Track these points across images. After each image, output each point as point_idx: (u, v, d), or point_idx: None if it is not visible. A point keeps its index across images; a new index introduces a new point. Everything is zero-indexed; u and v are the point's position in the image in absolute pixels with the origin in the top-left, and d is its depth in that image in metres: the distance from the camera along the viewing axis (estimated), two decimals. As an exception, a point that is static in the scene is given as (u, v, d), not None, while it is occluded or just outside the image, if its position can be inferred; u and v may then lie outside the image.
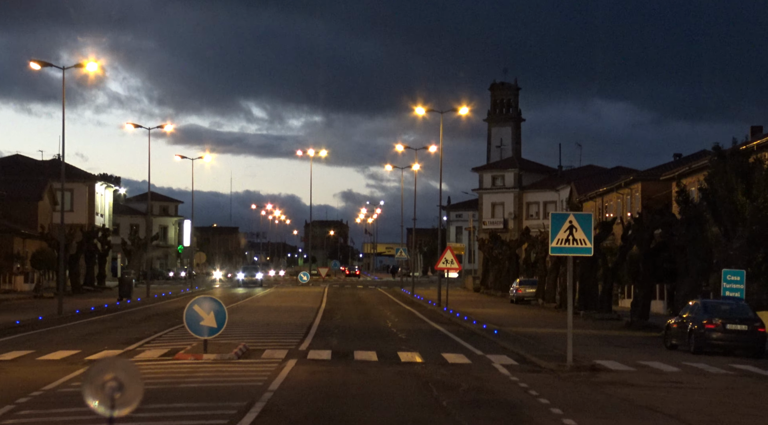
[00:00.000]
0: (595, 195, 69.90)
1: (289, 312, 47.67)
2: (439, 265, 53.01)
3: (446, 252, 52.97)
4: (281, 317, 43.91)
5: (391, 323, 41.15)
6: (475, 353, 28.16)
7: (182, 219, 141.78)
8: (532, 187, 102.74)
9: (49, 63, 47.24)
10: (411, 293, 73.99)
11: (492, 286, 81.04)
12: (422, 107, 55.53)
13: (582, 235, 24.49)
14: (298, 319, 42.24)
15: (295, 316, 44.44)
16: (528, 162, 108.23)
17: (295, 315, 45.08)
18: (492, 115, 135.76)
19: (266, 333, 33.96)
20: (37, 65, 46.91)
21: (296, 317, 43.30)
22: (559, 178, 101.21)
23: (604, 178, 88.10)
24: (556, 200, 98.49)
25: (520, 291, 63.68)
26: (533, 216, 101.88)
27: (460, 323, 41.76)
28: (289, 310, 49.84)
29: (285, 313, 47.02)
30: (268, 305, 54.76)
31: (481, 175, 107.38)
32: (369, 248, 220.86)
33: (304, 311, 48.43)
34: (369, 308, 53.04)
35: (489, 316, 48.27)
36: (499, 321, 43.64)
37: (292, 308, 52.26)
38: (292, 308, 52.25)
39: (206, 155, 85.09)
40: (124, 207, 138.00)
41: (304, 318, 42.76)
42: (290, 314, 45.73)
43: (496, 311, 53.54)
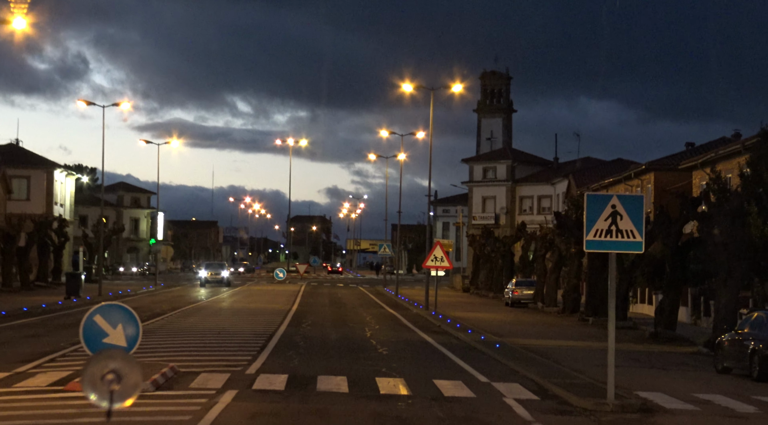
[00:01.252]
0: (598, 187, 63.41)
1: (253, 316, 40.98)
2: (428, 262, 46.40)
3: (435, 248, 46.35)
4: (241, 322, 37.22)
5: (371, 332, 34.46)
6: (477, 379, 21.52)
7: (155, 212, 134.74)
8: (525, 180, 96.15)
9: None
10: (395, 294, 67.34)
11: (483, 286, 74.49)
12: (410, 84, 48.86)
13: (629, 224, 17.90)
14: (261, 325, 35.54)
15: (258, 321, 37.76)
16: (521, 153, 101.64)
17: (259, 320, 38.39)
18: (482, 105, 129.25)
19: (213, 346, 27.25)
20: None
21: (259, 323, 36.62)
22: (555, 170, 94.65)
23: (604, 170, 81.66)
24: (551, 194, 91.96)
25: (516, 293, 57.12)
26: (527, 211, 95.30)
27: (453, 332, 35.11)
28: (253, 313, 43.14)
29: (247, 317, 40.30)
30: (232, 307, 48.03)
31: (472, 166, 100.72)
32: (352, 244, 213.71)
33: (271, 315, 41.75)
34: (346, 312, 46.39)
35: (484, 322, 41.69)
36: (497, 330, 37.04)
37: (258, 310, 45.56)
38: (258, 310, 45.55)
39: (173, 141, 78.09)
40: (91, 198, 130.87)
41: (268, 324, 36.07)
42: (253, 319, 39.04)
43: (491, 317, 46.96)
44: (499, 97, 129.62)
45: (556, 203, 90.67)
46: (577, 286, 49.25)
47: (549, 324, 43.19)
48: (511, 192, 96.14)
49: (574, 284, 49.04)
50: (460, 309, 52.40)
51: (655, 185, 54.12)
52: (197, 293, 62.91)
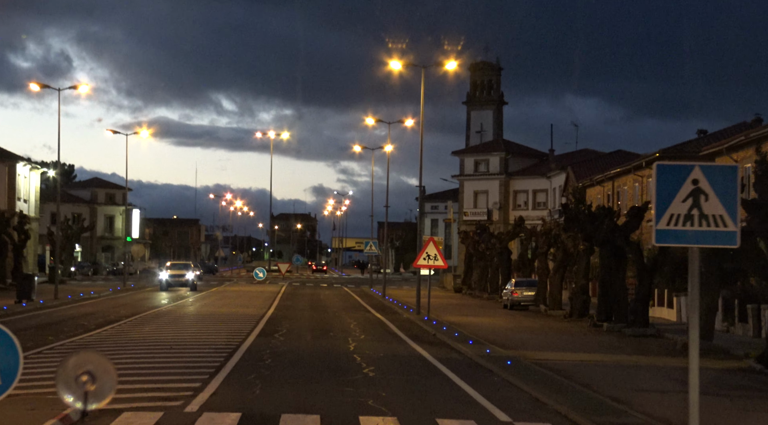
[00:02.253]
0: (603, 179, 58.27)
1: (219, 324, 35.63)
2: (420, 261, 41.10)
3: (428, 245, 41.05)
4: (203, 332, 31.89)
5: (356, 343, 29.15)
6: (495, 417, 16.24)
7: (130, 208, 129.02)
8: (520, 173, 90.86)
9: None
10: (382, 295, 62.05)
11: (476, 286, 69.24)
12: (400, 62, 43.60)
13: (718, 207, 12.55)
14: (225, 336, 30.22)
15: (224, 330, 32.44)
16: (515, 145, 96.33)
17: (225, 329, 33.07)
18: (472, 97, 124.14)
19: (157, 367, 21.90)
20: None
21: (223, 333, 31.29)
22: (550, 163, 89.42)
23: (604, 162, 76.55)
24: (547, 187, 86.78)
25: (515, 294, 51.85)
26: (521, 206, 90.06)
27: (451, 343, 29.82)
28: (221, 320, 37.79)
29: (212, 325, 34.96)
30: (198, 313, 42.62)
31: (462, 159, 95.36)
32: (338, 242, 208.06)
33: (240, 322, 36.42)
34: (328, 318, 41.06)
35: (484, 329, 36.46)
36: (502, 339, 31.82)
37: (227, 316, 40.21)
38: (228, 316, 40.20)
39: (143, 131, 72.61)
40: (64, 195, 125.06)
41: (234, 335, 30.74)
42: (218, 328, 33.71)
43: (490, 322, 41.73)
44: (489, 89, 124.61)
45: (552, 198, 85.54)
46: (586, 287, 44.06)
47: (558, 330, 37.96)
48: (504, 186, 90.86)
49: (582, 284, 43.84)
50: (454, 313, 47.18)
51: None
52: (162, 297, 57.43)
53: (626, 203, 55.20)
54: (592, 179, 59.63)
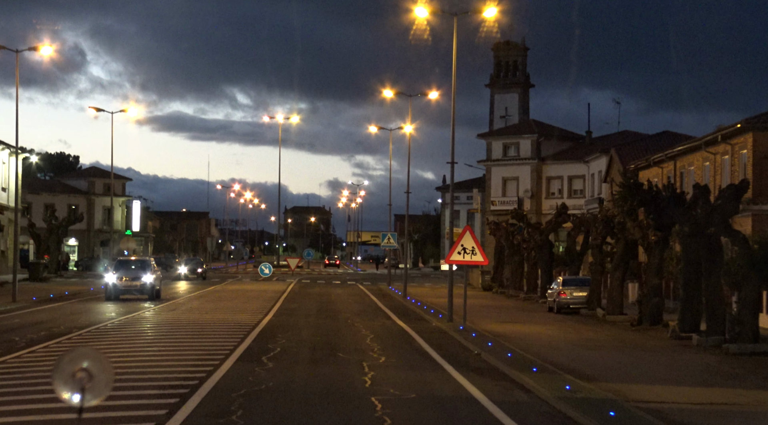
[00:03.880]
0: (663, 158, 49.63)
1: (194, 339, 27.21)
2: (453, 256, 32.54)
3: (464, 236, 32.49)
4: (164, 352, 23.45)
5: (373, 372, 20.63)
6: None
7: (130, 200, 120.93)
8: (554, 158, 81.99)
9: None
10: (403, 294, 53.58)
11: (509, 284, 60.71)
12: (427, 8, 35.11)
13: None
14: (190, 362, 21.77)
15: (195, 350, 24.03)
16: (548, 127, 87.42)
17: (197, 347, 24.66)
18: (495, 79, 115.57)
19: None
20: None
21: (192, 355, 22.86)
22: (588, 146, 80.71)
23: (650, 144, 67.90)
24: (584, 173, 78.03)
25: (564, 295, 43.27)
26: (554, 194, 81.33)
27: (508, 370, 21.27)
28: (198, 333, 29.37)
29: (183, 341, 26.52)
30: (175, 321, 34.08)
31: (489, 143, 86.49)
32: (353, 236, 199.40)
33: (223, 336, 28.01)
34: (338, 327, 32.55)
35: (541, 344, 27.99)
36: (571, 361, 23.36)
37: (209, 327, 31.79)
38: (210, 327, 31.77)
39: (130, 108, 64.33)
40: (60, 185, 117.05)
41: (203, 359, 22.29)
42: (189, 345, 25.29)
43: (542, 332, 33.22)
44: (514, 71, 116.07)
45: (590, 185, 76.81)
46: (659, 288, 35.43)
47: (633, 344, 29.38)
48: (536, 172, 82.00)
49: (654, 284, 35.20)
50: (492, 318, 38.67)
51: (754, 150, 40.25)
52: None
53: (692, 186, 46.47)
54: (649, 159, 51.00)
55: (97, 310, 38.81)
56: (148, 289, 45.87)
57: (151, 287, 45.90)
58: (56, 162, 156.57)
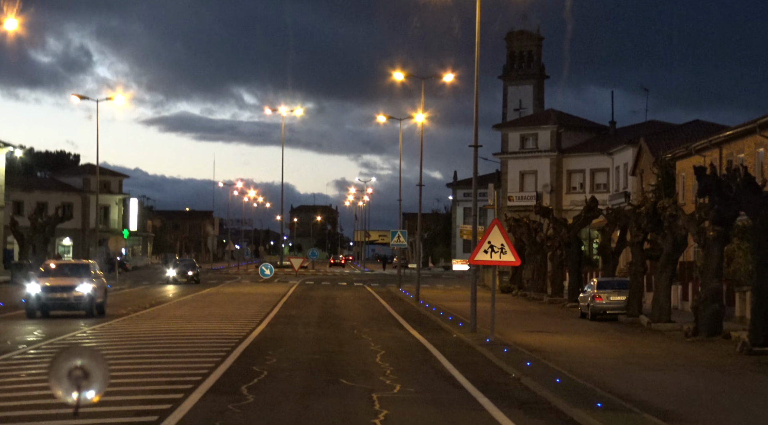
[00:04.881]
0: (706, 146, 44.36)
1: (162, 359, 22.01)
2: (479, 255, 27.33)
3: (492, 231, 27.27)
4: (115, 381, 18.20)
5: (387, 409, 15.39)
6: None
7: (128, 198, 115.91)
8: (575, 150, 76.63)
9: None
10: (415, 298, 48.43)
11: (531, 286, 55.51)
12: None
13: None
14: (146, 392, 16.59)
15: (155, 376, 18.83)
16: (568, 117, 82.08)
17: (161, 371, 19.48)
18: (509, 71, 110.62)
19: None
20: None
21: (150, 382, 17.66)
22: (612, 137, 75.43)
23: (682, 134, 62.74)
24: (608, 166, 72.73)
25: (599, 299, 38.05)
26: (576, 189, 76.06)
27: (564, 405, 16.05)
28: (169, 350, 24.19)
29: (146, 362, 21.29)
30: (148, 334, 28.80)
31: (506, 134, 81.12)
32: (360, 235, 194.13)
33: (200, 354, 22.86)
34: (343, 340, 27.32)
35: (590, 363, 22.86)
36: (640, 392, 18.27)
37: (190, 339, 26.63)
38: (191, 339, 26.61)
39: (117, 96, 59.29)
40: (53, 182, 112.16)
41: (161, 392, 17.09)
42: (150, 369, 20.08)
43: (584, 345, 28.02)
44: (528, 61, 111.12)
45: (615, 178, 71.53)
46: (719, 292, 30.19)
47: (700, 362, 24.17)
48: (556, 165, 76.63)
49: (714, 288, 29.94)
50: (520, 327, 33.49)
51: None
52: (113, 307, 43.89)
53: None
54: (689, 147, 45.74)
55: (10, 331, 28.39)
56: (85, 302, 34.07)
57: (89, 299, 34.06)
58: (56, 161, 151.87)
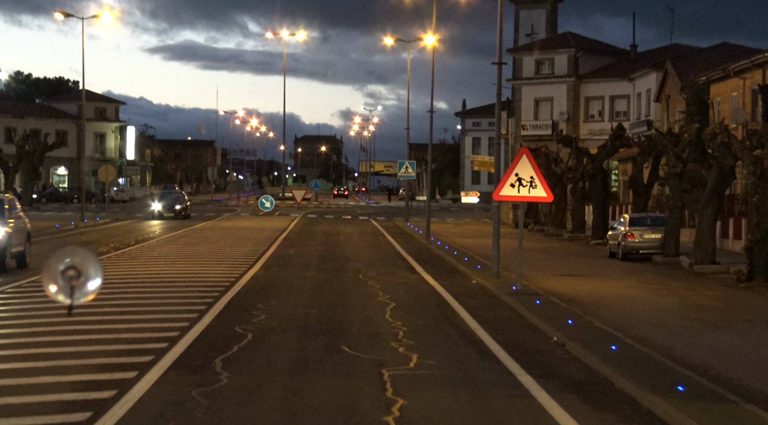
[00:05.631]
0: (747, 66, 40.19)
1: (130, 315, 18.26)
2: (504, 189, 23.48)
3: (520, 161, 23.38)
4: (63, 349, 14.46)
5: (402, 394, 11.62)
6: None
7: (125, 125, 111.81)
8: (593, 75, 72.23)
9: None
10: (425, 234, 44.73)
11: (549, 221, 51.70)
12: None
13: None
14: (92, 368, 12.83)
15: (111, 343, 15.09)
16: (586, 40, 77.50)
17: (124, 333, 15.74)
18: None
19: None
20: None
21: (105, 349, 13.91)
22: (633, 62, 70.99)
23: (709, 57, 58.39)
24: (629, 92, 68.47)
25: (631, 237, 34.26)
26: (594, 117, 71.87)
27: (634, 390, 12.28)
28: (142, 302, 20.45)
29: (112, 319, 17.53)
30: (108, 281, 25.02)
31: (519, 59, 76.60)
32: (366, 166, 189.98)
33: (181, 305, 19.17)
34: (345, 288, 23.58)
35: (637, 318, 19.21)
36: (704, 354, 14.48)
37: (168, 287, 22.92)
38: (170, 287, 22.90)
39: (104, 14, 55.00)
40: (48, 109, 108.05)
41: (128, 353, 13.33)
42: (114, 328, 16.34)
43: (624, 293, 24.30)
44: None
45: (636, 106, 67.34)
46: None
47: (764, 314, 20.46)
48: (573, 91, 72.28)
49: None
50: (547, 270, 29.75)
51: None
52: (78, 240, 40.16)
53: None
54: (727, 69, 41.57)
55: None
56: None
57: None
58: (55, 87, 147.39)
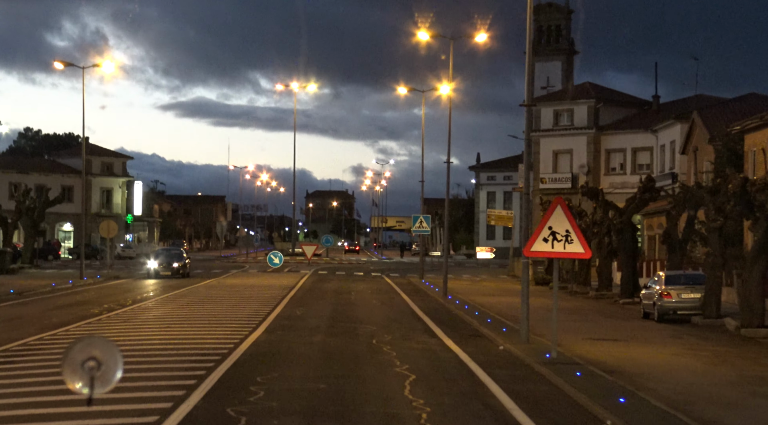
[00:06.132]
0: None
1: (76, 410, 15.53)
2: (536, 245, 20.85)
3: (554, 212, 20.79)
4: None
5: None
6: None
7: (132, 180, 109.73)
8: (614, 127, 69.76)
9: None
10: (442, 292, 42.01)
11: (571, 278, 49.00)
12: None
13: None
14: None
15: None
16: (608, 91, 75.21)
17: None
18: (536, 46, 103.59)
19: None
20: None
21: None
22: (656, 112, 68.59)
23: (737, 108, 55.90)
24: (652, 144, 65.94)
25: (668, 297, 31.47)
26: (615, 170, 69.29)
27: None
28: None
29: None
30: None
31: (537, 110, 74.32)
32: (377, 221, 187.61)
33: (165, 378, 16.50)
34: (358, 355, 20.89)
35: (702, 395, 16.53)
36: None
37: (154, 355, 20.25)
38: (156, 355, 20.23)
39: (105, 63, 52.90)
40: (51, 164, 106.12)
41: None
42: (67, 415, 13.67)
43: (674, 362, 21.56)
44: (557, 36, 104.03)
45: (659, 158, 64.81)
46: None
47: None
48: (594, 143, 69.77)
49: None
50: (578, 333, 27.03)
51: None
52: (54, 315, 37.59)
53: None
54: (763, 118, 38.99)
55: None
56: None
57: None
58: (64, 143, 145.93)
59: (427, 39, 42.47)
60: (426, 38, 42.38)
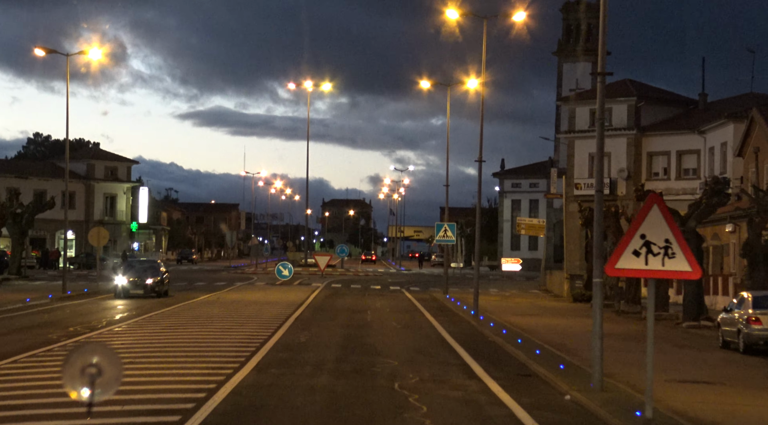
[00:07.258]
0: None
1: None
2: (624, 260, 14.97)
3: (649, 213, 14.93)
4: None
5: None
6: None
7: (137, 186, 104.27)
8: (657, 127, 63.75)
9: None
10: (473, 310, 36.17)
11: (616, 294, 43.25)
12: None
13: None
14: None
15: None
16: (649, 88, 69.19)
17: None
18: (564, 46, 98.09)
19: None
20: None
21: None
22: (703, 112, 62.64)
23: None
24: (700, 147, 59.93)
25: (758, 323, 25.53)
26: (659, 175, 63.26)
27: None
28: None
29: None
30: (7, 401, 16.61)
31: (572, 110, 68.35)
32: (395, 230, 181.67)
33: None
34: (372, 413, 15.04)
35: None
36: None
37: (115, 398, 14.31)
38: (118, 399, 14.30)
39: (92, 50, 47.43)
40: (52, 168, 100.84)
41: None
42: None
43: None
44: (587, 36, 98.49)
45: (708, 162, 58.85)
46: None
47: None
48: (634, 146, 63.75)
49: None
50: (656, 370, 20.91)
51: None
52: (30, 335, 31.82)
53: None
54: None
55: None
56: None
57: None
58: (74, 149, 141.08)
59: (457, 18, 36.77)
60: (455, 17, 36.68)
